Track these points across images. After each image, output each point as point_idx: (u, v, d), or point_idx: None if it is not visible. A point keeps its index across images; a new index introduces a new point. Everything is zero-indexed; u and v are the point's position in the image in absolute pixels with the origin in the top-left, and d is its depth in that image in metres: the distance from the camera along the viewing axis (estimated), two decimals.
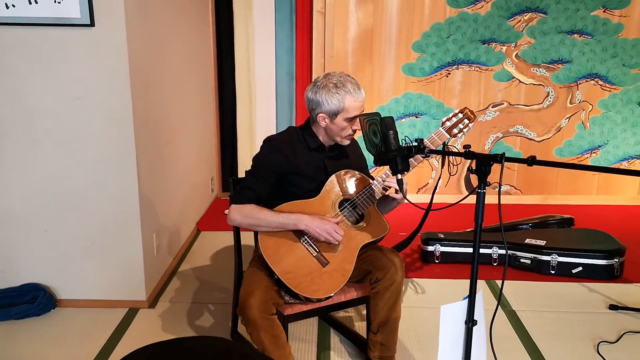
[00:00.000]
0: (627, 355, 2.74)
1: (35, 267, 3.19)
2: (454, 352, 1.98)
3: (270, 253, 2.31)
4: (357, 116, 2.30)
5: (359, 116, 2.23)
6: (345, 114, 2.30)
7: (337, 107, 2.29)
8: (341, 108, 2.28)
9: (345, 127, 2.34)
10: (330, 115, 2.32)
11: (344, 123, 2.32)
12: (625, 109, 4.83)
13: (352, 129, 2.36)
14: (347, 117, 2.30)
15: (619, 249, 3.52)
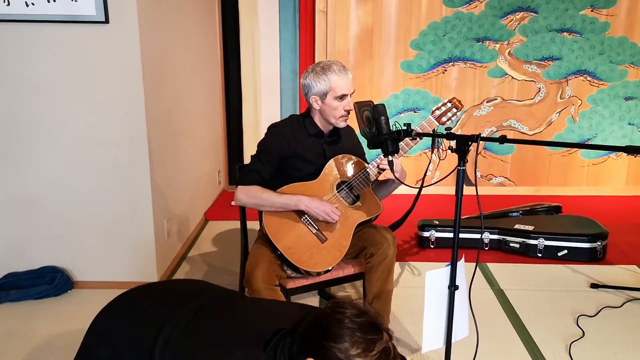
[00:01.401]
0: (604, 327, 2.96)
1: (53, 251, 3.38)
2: (438, 314, 2.20)
3: (273, 231, 2.53)
4: (345, 94, 2.51)
5: (354, 104, 2.45)
6: (333, 93, 2.51)
7: (325, 87, 2.51)
8: (328, 87, 2.50)
9: (337, 107, 2.54)
10: (320, 96, 2.54)
11: (334, 102, 2.53)
12: (613, 104, 5.03)
13: (345, 109, 2.55)
14: (336, 95, 2.51)
15: (601, 233, 3.74)
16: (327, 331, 1.39)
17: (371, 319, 1.43)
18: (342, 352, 1.35)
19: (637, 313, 3.09)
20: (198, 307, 1.67)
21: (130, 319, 1.69)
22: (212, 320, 1.62)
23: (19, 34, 3.06)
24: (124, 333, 1.65)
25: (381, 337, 1.40)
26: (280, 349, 1.47)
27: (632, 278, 3.51)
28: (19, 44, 3.07)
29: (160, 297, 1.79)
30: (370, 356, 1.36)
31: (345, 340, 1.36)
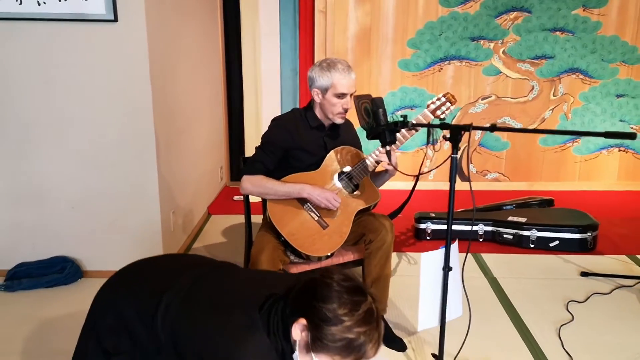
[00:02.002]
0: (592, 311, 3.10)
1: (63, 241, 3.50)
2: (433, 294, 2.33)
3: (277, 218, 2.67)
4: (345, 93, 2.64)
5: (354, 97, 2.58)
6: (333, 90, 2.63)
7: (327, 83, 2.64)
8: (330, 84, 2.63)
9: (336, 104, 2.66)
10: (322, 91, 2.67)
11: (333, 99, 2.65)
12: (604, 101, 5.17)
13: (343, 107, 2.68)
14: (336, 92, 2.63)
15: (592, 224, 3.88)
16: (317, 293, 1.53)
17: (356, 283, 1.58)
18: (330, 312, 1.49)
19: (625, 299, 3.23)
20: (197, 276, 1.80)
21: (133, 288, 1.81)
22: (211, 287, 1.75)
23: (31, 32, 3.18)
24: (128, 301, 1.77)
25: (366, 299, 1.54)
26: (274, 311, 1.60)
27: (622, 267, 3.65)
28: (31, 41, 3.20)
29: (161, 268, 1.92)
30: (356, 315, 1.49)
31: (334, 302, 1.50)
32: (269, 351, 1.57)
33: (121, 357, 1.74)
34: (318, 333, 1.50)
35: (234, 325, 1.59)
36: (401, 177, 2.92)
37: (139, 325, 1.71)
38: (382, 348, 2.72)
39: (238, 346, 1.55)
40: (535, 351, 2.73)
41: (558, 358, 2.67)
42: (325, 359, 1.53)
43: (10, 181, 3.40)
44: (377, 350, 1.55)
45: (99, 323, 1.80)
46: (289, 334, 1.57)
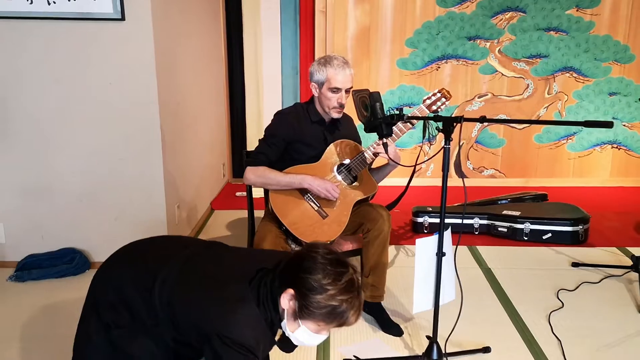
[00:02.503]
0: (581, 299, 3.22)
1: (72, 234, 3.62)
2: (427, 279, 2.46)
3: (279, 208, 2.79)
4: (339, 88, 2.75)
5: (352, 92, 2.71)
6: (328, 84, 2.75)
7: (322, 78, 2.76)
8: (325, 78, 2.75)
9: (331, 98, 2.78)
10: (318, 85, 2.79)
11: (328, 93, 2.77)
12: (598, 99, 5.29)
13: (338, 102, 2.79)
14: (330, 87, 2.75)
15: (583, 218, 4.00)
16: (303, 266, 1.68)
17: (339, 256, 1.73)
18: (316, 282, 1.64)
19: (613, 288, 3.36)
20: (191, 253, 1.93)
21: (132, 266, 1.94)
22: (204, 263, 1.89)
23: (41, 30, 3.30)
24: (127, 278, 1.89)
25: (347, 270, 1.69)
26: (263, 284, 1.74)
27: (612, 258, 3.77)
28: (41, 39, 3.32)
29: (158, 247, 2.05)
30: (339, 285, 1.64)
31: (319, 273, 1.65)
32: (258, 321, 1.71)
33: (121, 330, 1.86)
34: (304, 301, 1.65)
35: (226, 297, 1.72)
36: (399, 173, 3.05)
37: (138, 300, 1.83)
38: (380, 333, 2.87)
39: (230, 317, 1.68)
40: (526, 336, 2.86)
41: (547, 342, 2.80)
42: (311, 325, 1.69)
43: (20, 175, 3.51)
44: (358, 317, 1.71)
45: (99, 300, 1.92)
46: (278, 304, 1.71)
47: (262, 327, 1.73)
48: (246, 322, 1.70)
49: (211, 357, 1.69)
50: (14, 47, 3.32)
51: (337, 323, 1.68)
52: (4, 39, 3.30)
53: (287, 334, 1.76)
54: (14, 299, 3.23)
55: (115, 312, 1.87)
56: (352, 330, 2.91)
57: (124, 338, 1.86)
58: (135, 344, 1.85)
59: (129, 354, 1.86)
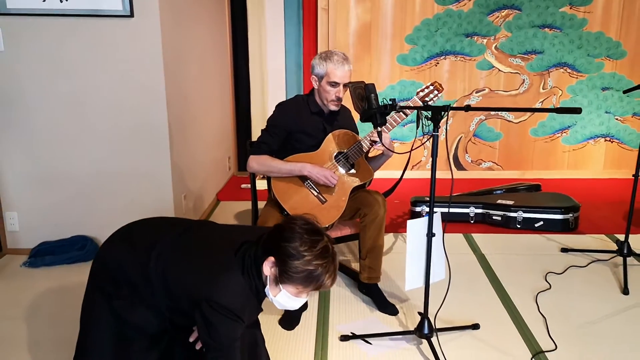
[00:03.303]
0: (568, 282, 3.39)
1: (83, 222, 3.80)
2: (418, 258, 2.63)
3: (280, 194, 2.98)
4: (338, 83, 2.92)
5: (348, 84, 2.88)
6: (327, 78, 2.93)
7: (322, 72, 2.94)
8: (325, 73, 2.93)
9: (329, 92, 2.96)
10: (318, 78, 2.97)
11: (327, 86, 2.95)
12: (591, 94, 5.45)
13: (336, 95, 2.97)
14: (329, 81, 2.93)
15: (574, 206, 4.17)
16: (282, 235, 1.86)
17: (315, 227, 1.91)
18: (293, 249, 1.82)
19: (599, 271, 3.53)
20: (183, 230, 2.12)
21: (130, 242, 2.11)
22: (195, 238, 2.08)
23: (53, 27, 3.48)
24: (126, 253, 2.07)
25: (322, 239, 1.87)
26: (248, 254, 1.93)
27: (600, 244, 3.93)
28: (53, 36, 3.49)
29: (153, 225, 2.23)
30: (315, 251, 1.82)
31: (296, 241, 1.83)
32: (243, 288, 1.90)
33: (121, 301, 2.04)
34: (284, 267, 1.83)
35: (214, 267, 1.91)
36: (396, 165, 3.20)
37: (135, 273, 2.01)
38: (377, 313, 3.05)
39: (217, 284, 1.87)
40: (513, 314, 3.03)
41: (533, 320, 2.97)
42: (291, 289, 1.88)
43: (33, 165, 3.70)
44: (334, 281, 1.90)
45: (102, 275, 2.10)
46: (261, 272, 1.90)
47: (247, 294, 1.92)
48: (232, 289, 1.88)
49: (201, 321, 1.87)
50: (28, 43, 3.50)
51: (314, 286, 1.87)
52: (19, 34, 3.48)
53: (270, 298, 1.95)
54: (28, 283, 3.41)
55: (116, 285, 2.05)
56: (351, 310, 3.09)
57: (124, 308, 2.04)
58: (134, 314, 2.04)
59: (129, 322, 2.05)
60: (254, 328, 2.20)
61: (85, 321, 2.16)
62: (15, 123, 3.62)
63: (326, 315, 3.05)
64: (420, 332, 2.69)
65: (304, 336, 2.86)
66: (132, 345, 2.08)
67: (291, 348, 2.74)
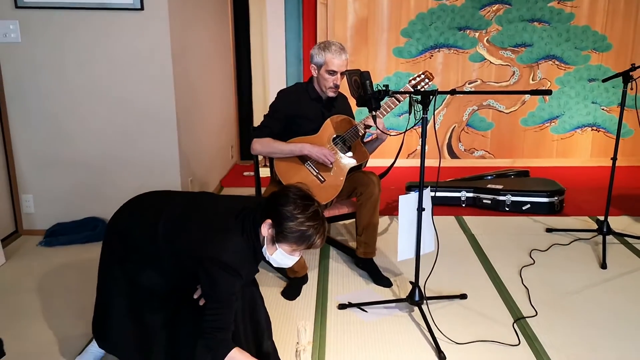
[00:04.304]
0: (551, 258, 3.63)
1: (94, 204, 4.00)
2: (409, 231, 2.86)
3: (282, 173, 3.21)
4: (335, 71, 3.15)
5: (345, 72, 3.11)
6: (326, 67, 3.15)
7: (321, 61, 3.16)
8: (323, 62, 3.16)
9: (327, 79, 3.19)
10: (317, 67, 3.20)
11: (325, 74, 3.18)
12: (578, 85, 5.68)
13: (333, 83, 3.20)
14: (327, 69, 3.15)
15: (559, 190, 4.41)
16: (278, 200, 2.12)
17: (306, 193, 2.16)
18: (288, 212, 2.07)
19: (581, 248, 3.76)
20: (188, 199, 2.38)
21: (139, 211, 2.36)
22: (198, 205, 2.32)
23: (67, 19, 3.69)
24: (136, 221, 2.32)
25: (313, 204, 2.12)
26: (247, 218, 2.17)
27: (583, 225, 4.17)
28: (66, 27, 3.71)
29: (159, 196, 2.47)
30: (307, 214, 2.08)
31: (291, 205, 2.08)
32: (242, 247, 2.14)
33: (132, 264, 2.29)
34: (280, 228, 2.09)
35: (216, 229, 2.16)
36: (389, 154, 3.40)
37: (144, 236, 2.26)
38: (372, 285, 3.28)
39: (219, 244, 2.11)
40: (498, 285, 3.27)
41: (517, 290, 3.21)
42: (286, 247, 2.13)
43: (47, 150, 3.91)
44: (323, 242, 2.16)
45: (114, 242, 2.35)
46: (259, 234, 2.16)
47: (246, 253, 2.16)
48: (232, 248, 2.12)
49: (204, 277, 2.12)
50: (43, 34, 3.71)
51: (306, 245, 2.12)
52: (35, 26, 3.69)
53: (266, 257, 2.20)
54: (45, 261, 3.64)
55: (127, 250, 2.30)
56: (348, 283, 3.33)
57: (135, 271, 2.29)
58: (144, 275, 2.29)
59: (139, 284, 2.30)
60: (253, 287, 2.45)
61: (102, 285, 2.41)
62: (31, 110, 3.83)
63: (325, 287, 3.29)
64: (411, 299, 2.92)
65: (305, 305, 3.10)
66: (144, 306, 2.33)
67: (293, 315, 2.97)
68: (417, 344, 2.71)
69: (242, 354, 2.15)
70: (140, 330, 2.33)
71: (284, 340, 2.72)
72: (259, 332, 2.42)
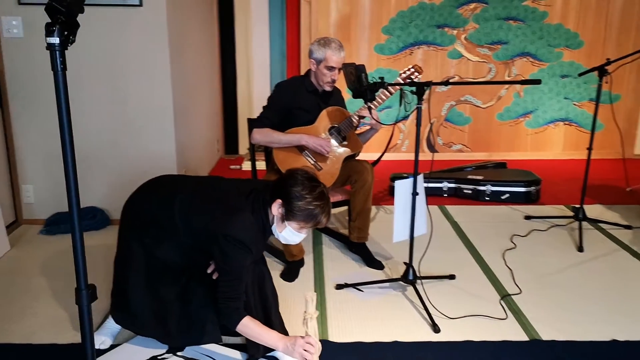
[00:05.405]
0: (531, 242, 3.86)
1: (93, 194, 4.10)
2: (404, 214, 3.05)
3: (281, 162, 3.37)
4: (334, 67, 3.32)
5: (342, 65, 3.28)
6: (325, 63, 3.32)
7: (321, 56, 3.33)
8: (323, 57, 3.32)
9: (326, 74, 3.35)
10: (317, 62, 3.36)
11: (324, 70, 3.35)
12: (551, 81, 5.95)
13: (331, 78, 3.37)
14: (327, 65, 3.32)
15: (535, 180, 4.66)
16: (287, 182, 2.30)
17: (313, 176, 2.35)
18: (297, 192, 2.25)
19: (558, 234, 4.00)
20: (200, 180, 2.59)
21: (156, 191, 2.54)
22: (210, 185, 2.52)
23: None
24: (154, 199, 2.49)
25: (319, 185, 2.31)
26: (257, 198, 2.36)
27: (559, 213, 4.42)
28: None
29: (175, 177, 2.69)
30: (314, 194, 2.26)
31: (299, 186, 2.27)
32: (252, 225, 2.33)
33: (150, 239, 2.46)
34: (289, 207, 2.27)
35: (229, 208, 2.34)
36: (377, 148, 3.54)
37: (161, 213, 2.43)
38: (365, 268, 3.46)
39: (232, 222, 2.29)
40: (484, 267, 3.49)
41: (501, 271, 3.43)
42: (295, 225, 2.32)
43: (47, 141, 4.00)
44: (328, 220, 2.36)
45: (132, 219, 2.52)
46: (268, 214, 2.35)
47: (256, 231, 2.34)
48: (244, 225, 2.30)
49: (218, 252, 2.29)
50: (44, 30, 3.78)
51: (313, 223, 2.31)
52: (36, 22, 3.79)
53: (275, 235, 2.39)
54: (49, 247, 3.75)
55: (145, 225, 2.47)
56: (342, 266, 3.51)
57: (153, 244, 2.46)
58: (161, 249, 2.45)
59: (156, 256, 2.46)
60: (262, 264, 2.62)
61: (122, 260, 2.57)
62: (32, 103, 3.92)
63: (321, 270, 3.46)
64: (405, 278, 3.11)
65: (303, 286, 3.26)
66: (160, 279, 2.50)
67: (293, 294, 3.13)
68: (412, 319, 2.90)
69: (253, 321, 2.34)
70: (156, 302, 2.51)
71: (287, 315, 2.88)
72: (267, 305, 2.60)
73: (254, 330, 2.34)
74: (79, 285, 1.60)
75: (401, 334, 2.76)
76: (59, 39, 1.42)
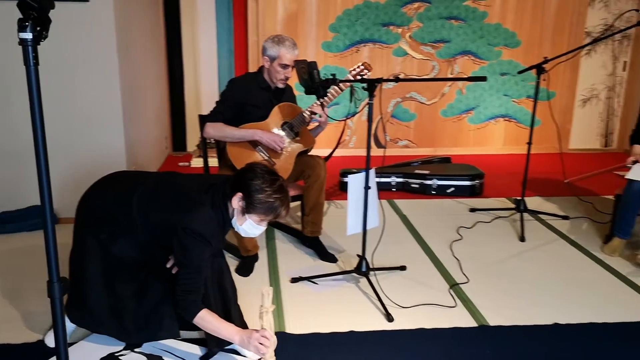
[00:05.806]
0: (476, 234, 4.02)
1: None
2: (357, 208, 3.14)
3: (235, 157, 3.40)
4: (287, 65, 3.37)
5: (294, 61, 3.33)
6: (279, 60, 3.37)
7: (275, 54, 3.38)
8: (277, 55, 3.37)
9: (279, 72, 3.41)
10: (270, 59, 3.41)
11: (278, 67, 3.40)
12: (491, 79, 6.14)
13: (285, 75, 3.42)
14: (280, 63, 3.37)
15: (479, 174, 4.84)
16: (248, 176, 2.35)
17: (272, 169, 2.42)
18: (257, 185, 2.31)
19: (502, 225, 4.18)
20: (160, 176, 2.61)
21: (114, 186, 2.54)
22: (171, 181, 2.54)
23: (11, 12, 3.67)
24: (110, 195, 2.49)
25: (279, 179, 2.38)
26: (217, 192, 2.40)
27: (502, 205, 4.60)
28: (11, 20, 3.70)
29: (131, 174, 2.68)
30: (273, 187, 2.33)
31: (259, 179, 2.32)
32: (212, 219, 2.37)
33: (106, 235, 2.46)
34: (249, 200, 2.33)
35: (189, 202, 2.38)
36: (327, 144, 3.60)
37: (117, 209, 2.44)
38: (319, 261, 3.53)
39: (192, 215, 2.33)
40: (433, 258, 3.62)
41: (449, 262, 3.57)
42: (255, 218, 2.37)
43: None
44: (287, 213, 2.43)
45: (86, 216, 2.52)
46: (227, 207, 2.39)
47: (215, 224, 2.38)
48: (204, 219, 2.34)
49: (177, 245, 2.33)
50: None
51: (273, 215, 2.37)
52: None
53: (235, 228, 2.43)
54: None
55: (100, 222, 2.47)
56: (296, 261, 3.57)
57: (108, 240, 2.46)
58: (116, 245, 2.46)
59: (112, 253, 2.47)
60: (220, 258, 2.66)
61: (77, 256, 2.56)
62: None
63: (275, 264, 3.51)
64: (359, 270, 3.20)
65: (259, 281, 3.31)
66: (116, 276, 2.51)
67: (249, 289, 3.17)
68: (366, 310, 3.00)
69: (210, 314, 2.38)
70: (112, 299, 2.51)
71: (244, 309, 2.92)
72: (227, 298, 2.64)
73: (211, 323, 2.38)
74: (51, 278, 1.62)
75: (356, 324, 2.84)
76: (31, 34, 1.42)
